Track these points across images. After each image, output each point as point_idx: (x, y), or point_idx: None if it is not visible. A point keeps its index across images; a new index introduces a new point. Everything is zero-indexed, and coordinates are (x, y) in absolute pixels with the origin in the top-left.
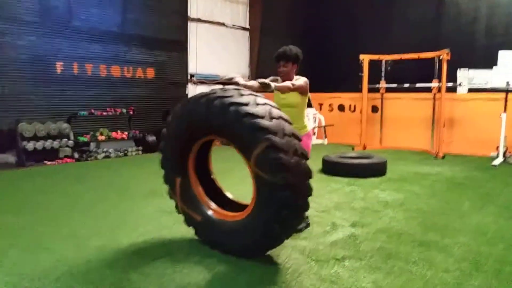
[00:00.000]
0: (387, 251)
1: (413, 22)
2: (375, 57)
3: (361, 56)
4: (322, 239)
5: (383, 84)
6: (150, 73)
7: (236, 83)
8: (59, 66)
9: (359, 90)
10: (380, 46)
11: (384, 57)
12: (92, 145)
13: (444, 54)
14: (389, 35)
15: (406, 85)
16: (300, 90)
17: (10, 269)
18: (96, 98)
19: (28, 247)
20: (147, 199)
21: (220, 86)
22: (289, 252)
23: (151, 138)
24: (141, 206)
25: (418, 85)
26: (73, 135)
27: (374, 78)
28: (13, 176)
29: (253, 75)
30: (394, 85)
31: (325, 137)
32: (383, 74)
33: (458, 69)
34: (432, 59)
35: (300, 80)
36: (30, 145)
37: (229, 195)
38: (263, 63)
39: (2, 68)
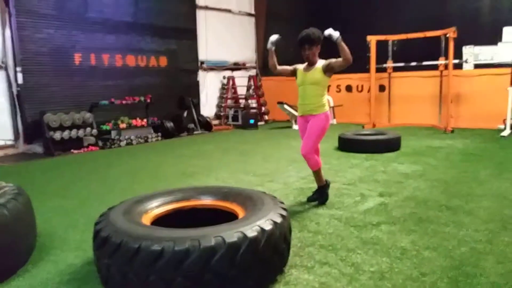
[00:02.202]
0: (418, 216)
1: (418, 0)
2: (382, 37)
3: (368, 38)
4: (354, 208)
5: (390, 64)
6: (163, 61)
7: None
8: (77, 58)
9: (367, 70)
10: (386, 26)
11: (391, 37)
12: (113, 133)
13: (451, 32)
14: (396, 14)
15: (413, 63)
16: (336, 68)
17: (76, 245)
18: (115, 87)
19: (84, 226)
20: (181, 180)
21: (230, 73)
22: (327, 220)
23: (169, 124)
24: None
25: (425, 63)
26: (95, 124)
27: (381, 58)
28: (45, 165)
29: (260, 61)
30: (401, 64)
31: (334, 117)
32: (390, 54)
33: (464, 46)
34: (438, 37)
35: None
36: (57, 135)
37: None
38: None
39: (25, 61)
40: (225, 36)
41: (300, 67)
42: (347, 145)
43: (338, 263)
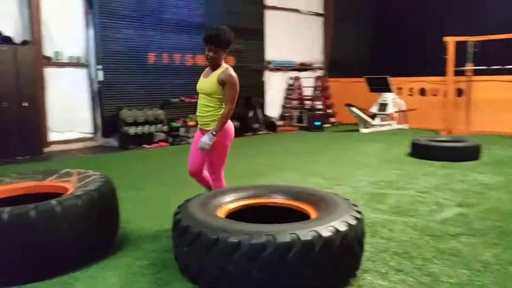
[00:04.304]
0: (501, 229)
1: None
2: (461, 39)
3: (446, 38)
4: (430, 217)
5: (470, 67)
6: (231, 61)
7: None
8: (151, 57)
9: (443, 73)
10: (464, 26)
11: (471, 39)
12: (182, 130)
13: None
14: (475, 14)
15: (496, 67)
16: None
17: (153, 234)
18: (184, 86)
19: (160, 216)
20: (248, 179)
21: (296, 73)
22: (401, 227)
23: (236, 123)
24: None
25: (508, 66)
26: (166, 121)
27: (458, 60)
28: (120, 157)
29: (327, 61)
30: (482, 67)
31: (406, 122)
32: (470, 56)
33: None
34: None
35: (234, 84)
36: (131, 130)
37: None
38: (337, 49)
39: (105, 59)
40: (292, 36)
41: (204, 72)
42: (421, 151)
43: (414, 272)
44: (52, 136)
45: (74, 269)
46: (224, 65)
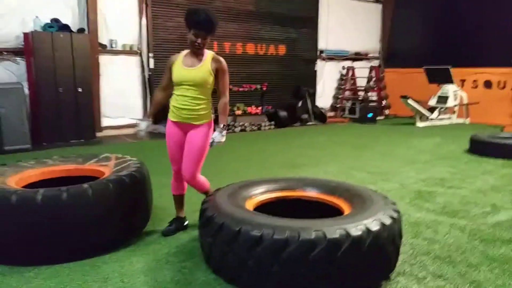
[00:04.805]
0: None
1: None
2: None
3: None
4: (482, 219)
5: None
6: (282, 50)
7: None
8: None
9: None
10: None
11: None
12: (229, 119)
13: None
14: None
15: None
16: (218, 87)
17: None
18: (234, 74)
19: (193, 204)
20: (289, 170)
21: (350, 63)
22: (447, 229)
23: (283, 113)
24: (285, 176)
25: None
26: (213, 109)
27: None
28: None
29: (384, 51)
30: None
31: (467, 116)
32: None
33: None
34: None
35: (227, 71)
36: None
37: None
38: (396, 38)
39: (156, 47)
40: (347, 25)
41: (178, 59)
42: (480, 148)
43: (455, 278)
44: (105, 122)
45: (103, 252)
46: (208, 51)
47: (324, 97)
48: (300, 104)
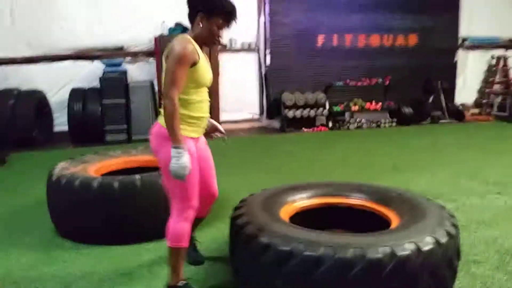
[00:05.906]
0: None
1: None
2: None
3: None
4: None
5: None
6: (413, 40)
7: None
8: (320, 39)
9: None
10: None
11: None
12: (347, 115)
13: None
14: None
15: None
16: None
17: None
18: (352, 68)
19: None
20: (385, 174)
21: (502, 52)
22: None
23: (407, 110)
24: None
25: None
26: (328, 104)
27: None
28: (276, 140)
29: None
30: None
31: None
32: None
33: None
34: None
35: None
36: (290, 113)
37: None
38: None
39: (273, 44)
40: (497, 5)
41: (200, 53)
42: None
43: None
44: (223, 116)
45: (148, 240)
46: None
47: (466, 91)
48: (431, 99)
